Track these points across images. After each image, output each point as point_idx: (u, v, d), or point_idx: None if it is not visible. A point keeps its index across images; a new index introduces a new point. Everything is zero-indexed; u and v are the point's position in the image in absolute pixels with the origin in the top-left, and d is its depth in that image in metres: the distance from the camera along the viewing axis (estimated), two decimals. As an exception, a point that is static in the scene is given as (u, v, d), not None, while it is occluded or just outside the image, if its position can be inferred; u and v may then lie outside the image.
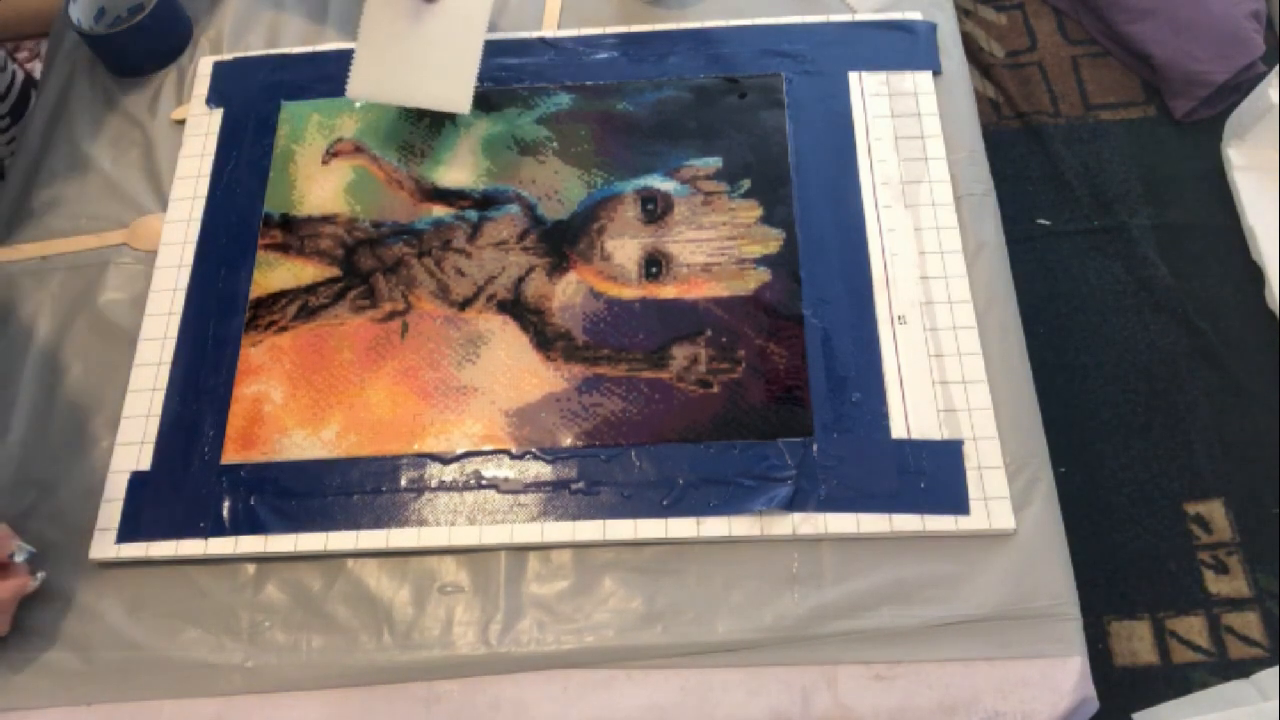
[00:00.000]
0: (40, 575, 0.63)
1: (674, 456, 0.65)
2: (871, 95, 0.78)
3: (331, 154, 0.79)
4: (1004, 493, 0.63)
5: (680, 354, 0.69)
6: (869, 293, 0.70)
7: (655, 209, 0.74)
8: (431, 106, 0.74)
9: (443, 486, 0.66)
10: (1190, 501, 1.14)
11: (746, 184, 0.75)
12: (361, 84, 0.74)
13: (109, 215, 0.80)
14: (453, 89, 0.71)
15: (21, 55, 1.58)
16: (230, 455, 0.68)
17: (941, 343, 0.68)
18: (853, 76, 0.79)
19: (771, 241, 0.72)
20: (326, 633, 0.63)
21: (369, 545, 0.65)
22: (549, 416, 0.68)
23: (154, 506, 0.67)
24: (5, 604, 0.61)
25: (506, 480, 0.66)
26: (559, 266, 0.73)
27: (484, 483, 0.66)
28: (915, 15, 0.82)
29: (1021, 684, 0.59)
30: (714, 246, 0.73)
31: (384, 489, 0.66)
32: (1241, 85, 1.34)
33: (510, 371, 0.69)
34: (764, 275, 0.71)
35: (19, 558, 0.62)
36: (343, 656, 0.62)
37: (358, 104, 0.78)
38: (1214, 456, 1.16)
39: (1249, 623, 1.08)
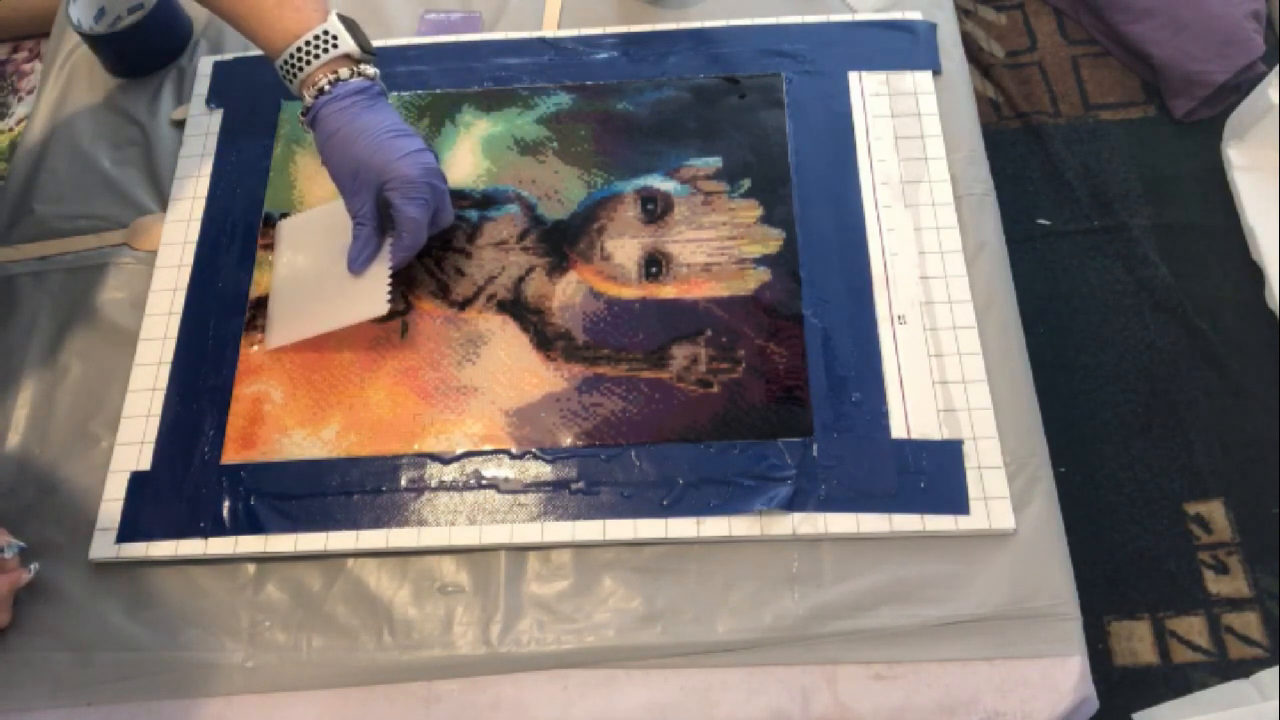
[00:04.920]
0: (34, 567, 0.64)
1: (674, 456, 0.65)
2: (871, 95, 0.78)
3: (331, 154, 0.79)
4: (1004, 493, 0.63)
5: (680, 354, 0.69)
6: (869, 292, 0.70)
7: (655, 209, 0.74)
8: (351, 322, 0.69)
9: (443, 486, 0.66)
10: (1190, 501, 1.14)
11: (746, 184, 0.75)
12: (279, 334, 0.71)
13: (109, 215, 0.80)
14: (368, 298, 0.68)
15: (21, 55, 1.58)
16: (230, 455, 0.68)
17: (941, 343, 0.68)
18: (853, 76, 0.79)
19: (771, 241, 0.72)
20: (326, 633, 0.63)
21: (369, 545, 0.65)
22: (549, 416, 0.67)
23: (154, 506, 0.67)
24: (3, 598, 0.62)
25: (506, 480, 0.66)
26: (559, 266, 0.73)
27: (484, 482, 0.66)
28: (915, 15, 0.82)
29: (1021, 684, 0.59)
30: (714, 246, 0.73)
31: (384, 489, 0.66)
32: (1241, 85, 1.34)
33: (510, 371, 0.69)
34: (764, 275, 0.71)
35: (8, 553, 0.62)
36: (343, 656, 0.62)
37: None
38: (1214, 456, 1.16)
39: (1249, 623, 1.08)
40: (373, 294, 0.68)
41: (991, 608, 0.60)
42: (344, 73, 0.67)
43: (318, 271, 0.72)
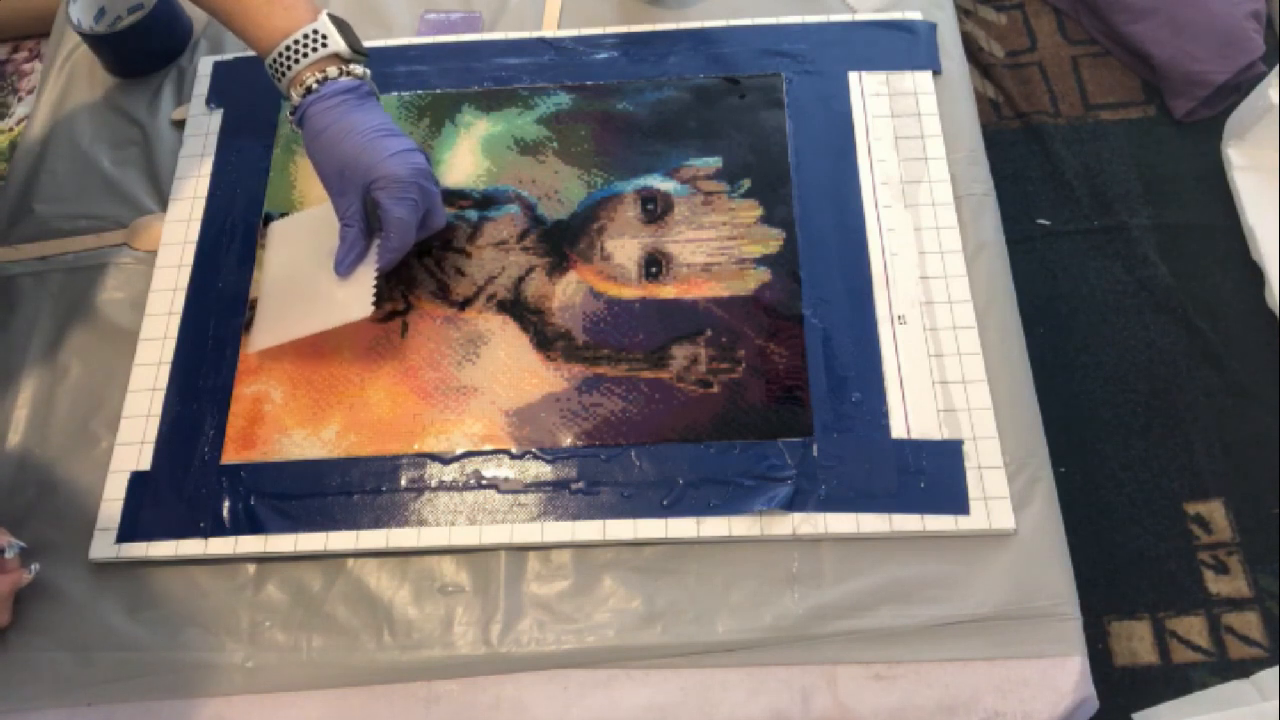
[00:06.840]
0: (35, 567, 0.64)
1: (674, 456, 0.65)
2: (871, 95, 0.78)
3: (331, 154, 0.79)
4: (1004, 493, 0.63)
5: (680, 354, 0.69)
6: (869, 293, 0.70)
7: (655, 209, 0.74)
8: (336, 324, 0.68)
9: (443, 486, 0.66)
10: (1190, 501, 1.14)
11: (746, 184, 0.75)
12: (263, 336, 0.70)
13: (109, 215, 0.80)
14: (354, 300, 0.67)
15: (21, 55, 1.58)
16: (230, 455, 0.68)
17: (941, 343, 0.68)
18: (853, 76, 0.79)
19: (771, 241, 0.72)
20: (326, 633, 0.63)
21: (369, 545, 0.65)
22: (549, 416, 0.68)
23: (154, 506, 0.67)
24: (3, 597, 0.62)
25: (506, 480, 0.66)
26: (559, 266, 0.73)
27: (484, 483, 0.66)
28: (915, 15, 0.82)
29: (1021, 684, 0.59)
30: (714, 246, 0.73)
31: (384, 489, 0.66)
32: (1241, 85, 1.34)
33: (510, 371, 0.69)
34: (764, 275, 0.71)
35: (9, 553, 0.62)
36: (343, 656, 0.62)
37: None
38: (1214, 456, 1.16)
39: (1249, 623, 1.08)
40: (359, 296, 0.67)
41: (991, 608, 0.60)
42: (332, 72, 0.66)
43: (305, 274, 0.72)
